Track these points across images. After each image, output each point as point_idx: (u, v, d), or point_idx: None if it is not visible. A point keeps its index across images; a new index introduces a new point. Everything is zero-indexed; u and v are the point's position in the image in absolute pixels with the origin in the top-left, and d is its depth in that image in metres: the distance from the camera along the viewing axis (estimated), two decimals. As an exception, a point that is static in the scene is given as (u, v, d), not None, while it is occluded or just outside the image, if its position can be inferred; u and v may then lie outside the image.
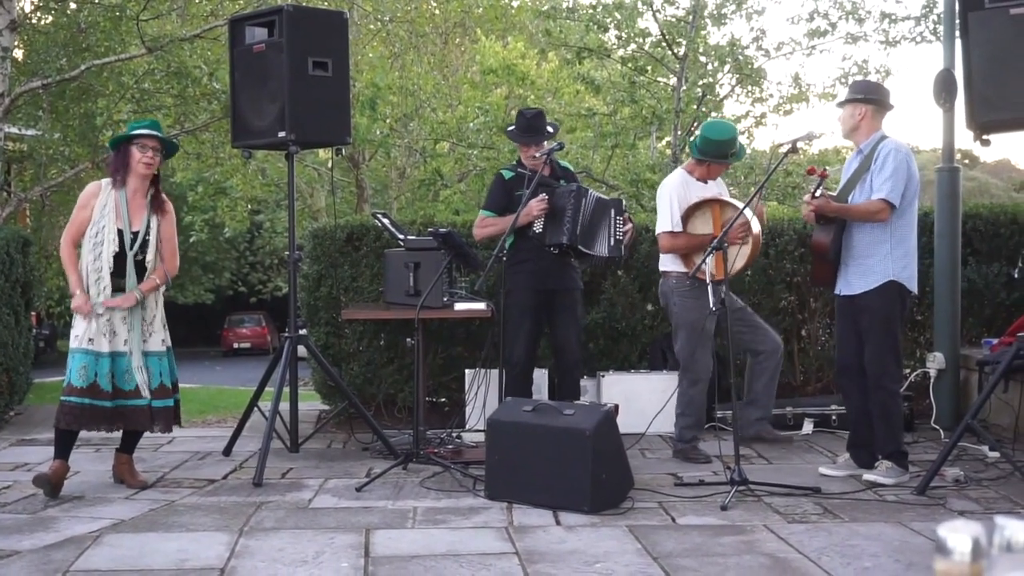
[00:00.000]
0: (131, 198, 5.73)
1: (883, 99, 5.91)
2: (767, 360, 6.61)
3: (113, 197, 5.70)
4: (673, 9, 14.73)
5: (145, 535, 4.84)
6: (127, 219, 5.69)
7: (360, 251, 7.94)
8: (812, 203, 5.79)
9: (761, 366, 6.62)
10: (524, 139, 6.71)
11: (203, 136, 13.75)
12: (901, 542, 4.62)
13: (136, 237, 5.70)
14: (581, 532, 4.83)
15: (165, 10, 12.47)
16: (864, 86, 6.15)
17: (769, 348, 6.61)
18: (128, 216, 5.70)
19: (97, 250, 5.65)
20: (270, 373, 6.57)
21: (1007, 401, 6.66)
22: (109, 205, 5.68)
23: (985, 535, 1.56)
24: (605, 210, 6.50)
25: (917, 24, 14.39)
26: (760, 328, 6.65)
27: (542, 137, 6.67)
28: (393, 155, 20.81)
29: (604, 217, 6.48)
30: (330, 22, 6.52)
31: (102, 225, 5.65)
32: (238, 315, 37.54)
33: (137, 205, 5.76)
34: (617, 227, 6.47)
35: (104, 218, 5.66)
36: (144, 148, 5.70)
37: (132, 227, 5.70)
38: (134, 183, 5.74)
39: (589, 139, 17.77)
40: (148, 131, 5.74)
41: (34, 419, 8.16)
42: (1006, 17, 5.17)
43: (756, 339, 6.59)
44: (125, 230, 5.67)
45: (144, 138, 5.72)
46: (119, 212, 5.68)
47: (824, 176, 5.78)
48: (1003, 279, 7.91)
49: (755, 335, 6.60)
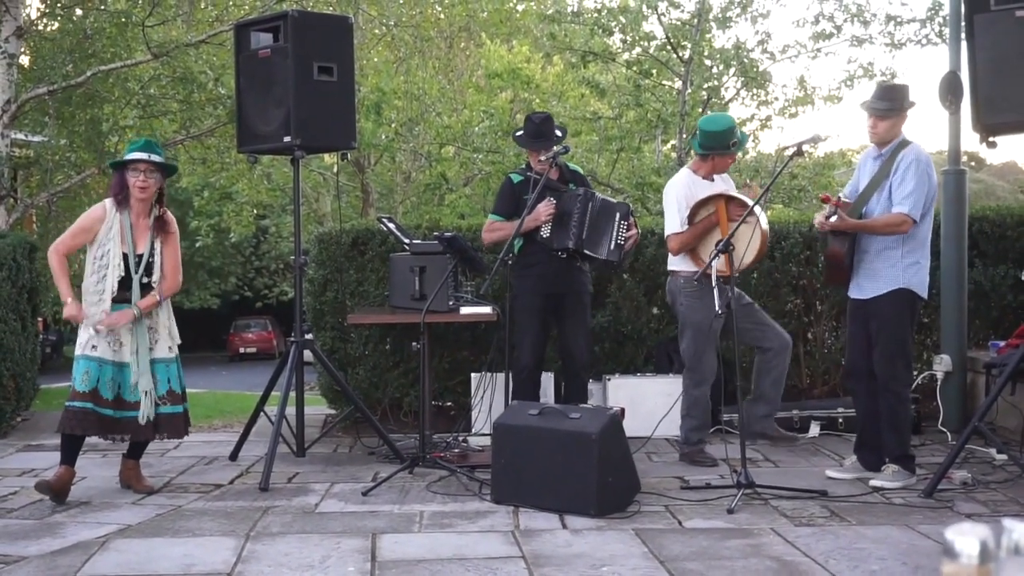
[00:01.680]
0: (135, 221, 5.72)
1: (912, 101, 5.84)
2: (776, 358, 6.54)
3: (118, 220, 5.68)
4: (678, 12, 14.77)
5: (152, 540, 4.84)
6: (131, 243, 5.69)
7: (366, 255, 7.94)
8: (827, 224, 5.75)
9: (769, 364, 6.55)
10: (533, 145, 6.68)
11: (209, 141, 13.78)
12: (908, 545, 4.61)
13: (141, 260, 5.70)
14: (587, 536, 4.82)
15: (171, 16, 12.50)
16: (902, 92, 5.87)
17: (777, 346, 6.53)
18: (133, 239, 5.70)
19: (101, 272, 5.64)
20: (276, 377, 6.58)
21: (1014, 404, 6.64)
22: (115, 228, 5.66)
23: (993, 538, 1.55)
24: (610, 213, 6.50)
25: (923, 26, 14.41)
26: (769, 326, 6.58)
27: (551, 143, 6.64)
28: (398, 159, 20.86)
29: (608, 220, 6.48)
30: (335, 27, 6.54)
31: (108, 248, 5.64)
32: (244, 320, 37.60)
33: (142, 227, 5.74)
34: (620, 231, 6.46)
35: (110, 241, 5.65)
36: (136, 172, 5.65)
37: (137, 250, 5.70)
38: (136, 205, 5.73)
39: (594, 143, 17.79)
40: (138, 154, 5.67)
41: (40, 425, 8.17)
42: (1012, 19, 5.17)
43: (764, 336, 6.52)
44: (130, 253, 5.67)
45: (136, 162, 5.67)
46: (124, 236, 5.67)
47: (839, 205, 5.71)
48: (1010, 281, 7.88)
49: (763, 332, 6.53)
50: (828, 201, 5.76)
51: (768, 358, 6.54)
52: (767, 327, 6.55)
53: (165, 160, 5.90)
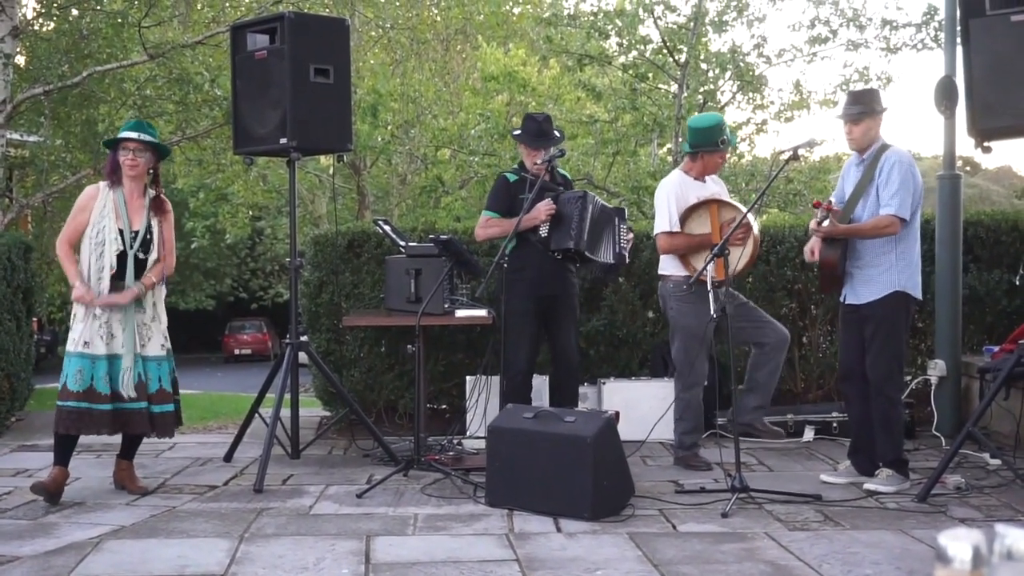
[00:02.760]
0: (129, 199, 5.75)
1: (883, 105, 5.90)
2: (773, 351, 6.45)
3: (111, 198, 5.71)
4: (674, 16, 14.75)
5: (146, 541, 4.84)
6: (127, 218, 5.70)
7: (361, 258, 7.94)
8: (820, 231, 5.76)
9: (766, 356, 6.45)
10: (535, 143, 6.66)
11: (205, 143, 13.76)
12: (902, 550, 4.62)
13: (136, 236, 5.71)
14: (582, 539, 4.82)
15: (167, 17, 12.49)
16: (872, 95, 5.99)
17: (774, 341, 6.45)
18: (128, 215, 5.71)
19: (99, 250, 5.65)
20: (271, 379, 6.58)
21: (1008, 408, 6.65)
22: (108, 206, 5.69)
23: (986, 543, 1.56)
24: (610, 218, 6.50)
25: (918, 31, 14.40)
26: (766, 322, 6.51)
27: (552, 142, 6.66)
28: (394, 162, 20.86)
29: (608, 225, 6.48)
30: (331, 29, 6.54)
31: (103, 225, 5.66)
32: (239, 321, 37.58)
33: (136, 205, 5.77)
34: (621, 236, 6.48)
35: (104, 219, 5.67)
36: (126, 151, 5.72)
37: (132, 226, 5.71)
38: (129, 184, 5.76)
39: (590, 146, 17.79)
40: (128, 133, 5.75)
41: (35, 425, 8.16)
42: (1007, 24, 5.18)
43: (762, 332, 6.43)
44: (125, 229, 5.69)
45: (126, 140, 5.74)
46: (118, 212, 5.69)
47: (830, 210, 5.72)
48: (1004, 286, 7.89)
49: (761, 329, 6.44)
50: (819, 206, 5.77)
51: (765, 351, 6.45)
52: (765, 323, 6.49)
53: (157, 140, 5.93)
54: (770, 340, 6.46)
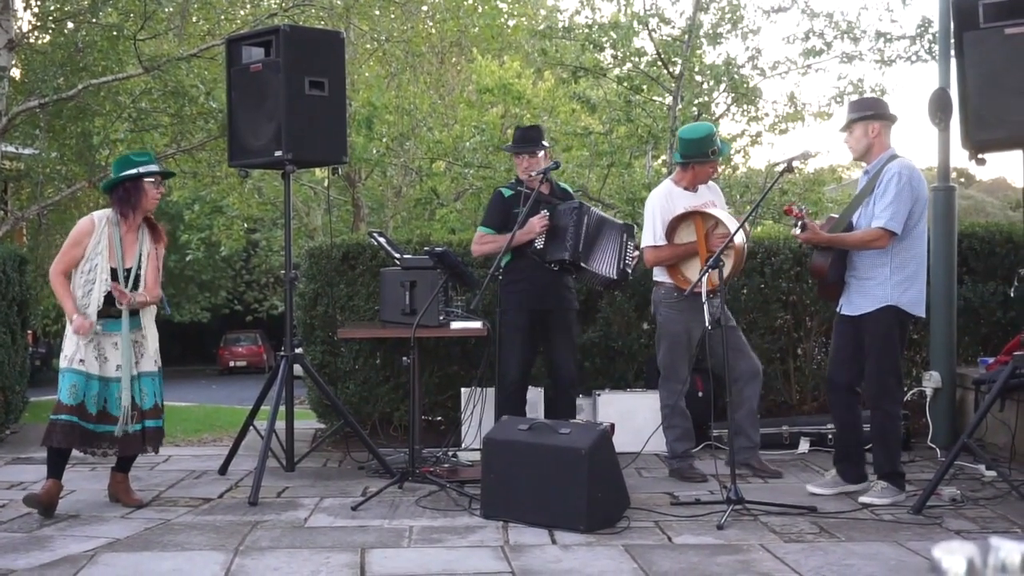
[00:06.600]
0: (125, 235, 5.74)
1: (889, 112, 5.87)
2: (746, 387, 6.43)
3: (107, 234, 5.69)
4: (669, 28, 14.78)
5: (140, 554, 4.83)
6: (120, 256, 5.69)
7: (356, 270, 7.95)
8: (801, 237, 5.79)
9: (739, 394, 6.37)
10: (517, 148, 6.72)
11: (200, 155, 13.75)
12: (897, 561, 4.62)
13: (129, 274, 5.71)
14: (577, 551, 4.82)
15: (162, 30, 12.49)
16: (870, 102, 6.07)
17: (745, 373, 6.43)
18: (122, 252, 5.70)
19: (88, 287, 5.65)
20: (266, 392, 6.57)
21: (1003, 420, 6.66)
22: (103, 243, 5.67)
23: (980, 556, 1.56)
24: (613, 231, 6.52)
25: (912, 43, 14.41)
26: (741, 351, 6.44)
27: (537, 147, 6.67)
28: (389, 174, 20.86)
29: (612, 238, 6.49)
30: (326, 42, 6.55)
31: (95, 263, 5.64)
32: (234, 334, 37.60)
33: (130, 241, 5.77)
34: (627, 252, 6.49)
35: (98, 256, 5.65)
36: (158, 184, 5.77)
37: (125, 264, 5.71)
38: (134, 218, 5.76)
39: (585, 158, 17.80)
40: (152, 167, 5.79)
41: (30, 438, 8.14)
42: (1001, 37, 5.20)
43: (734, 360, 6.24)
44: (119, 267, 5.68)
45: (156, 174, 5.78)
46: (112, 250, 5.68)
47: (800, 217, 5.69)
48: (999, 298, 7.91)
49: (733, 356, 6.23)
50: (790, 213, 5.78)
51: (739, 388, 6.38)
52: (740, 352, 6.45)
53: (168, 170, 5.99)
54: (741, 374, 6.40)
